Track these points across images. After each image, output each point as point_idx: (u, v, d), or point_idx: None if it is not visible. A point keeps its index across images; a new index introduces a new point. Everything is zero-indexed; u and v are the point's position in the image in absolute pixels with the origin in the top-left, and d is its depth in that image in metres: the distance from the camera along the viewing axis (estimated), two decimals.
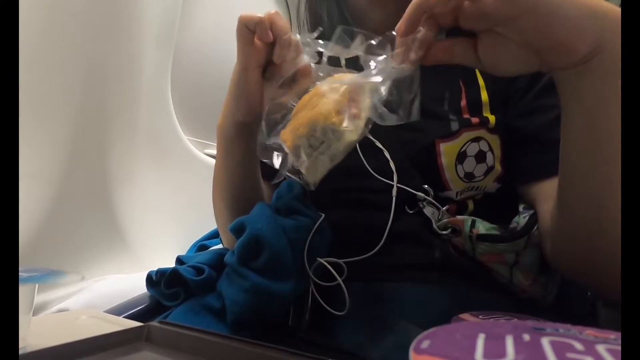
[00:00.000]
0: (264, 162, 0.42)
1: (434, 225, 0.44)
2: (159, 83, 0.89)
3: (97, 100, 0.74)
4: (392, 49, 0.35)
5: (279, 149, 0.39)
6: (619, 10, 0.28)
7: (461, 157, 0.44)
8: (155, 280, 0.53)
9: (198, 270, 0.51)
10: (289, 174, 0.55)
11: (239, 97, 0.47)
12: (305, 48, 0.42)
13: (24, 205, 0.65)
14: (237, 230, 0.44)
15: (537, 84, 0.45)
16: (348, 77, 0.36)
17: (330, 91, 0.35)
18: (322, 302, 0.44)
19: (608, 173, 0.31)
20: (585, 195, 0.34)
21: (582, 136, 0.32)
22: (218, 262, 0.52)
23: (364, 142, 0.48)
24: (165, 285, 0.51)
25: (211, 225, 0.79)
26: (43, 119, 0.68)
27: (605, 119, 0.30)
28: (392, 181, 0.46)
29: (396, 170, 0.46)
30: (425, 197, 0.45)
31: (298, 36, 0.42)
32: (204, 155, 1.07)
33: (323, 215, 0.47)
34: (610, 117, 0.29)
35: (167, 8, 0.85)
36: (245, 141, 0.50)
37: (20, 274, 0.29)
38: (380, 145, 0.47)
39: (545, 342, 0.12)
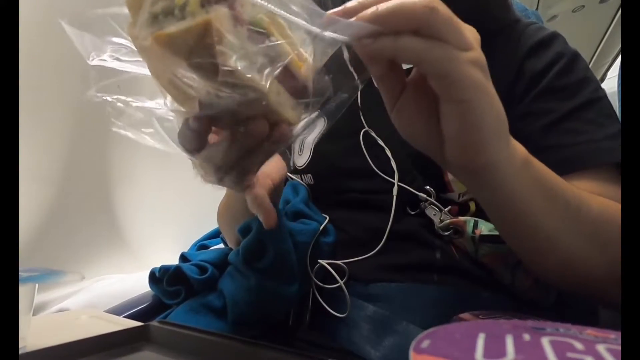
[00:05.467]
0: None
1: (436, 227, 0.44)
2: None
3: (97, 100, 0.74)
4: None
5: None
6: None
7: None
8: (158, 276, 0.53)
9: (201, 268, 0.51)
10: (290, 175, 0.55)
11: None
12: None
13: (24, 205, 0.65)
14: (244, 231, 0.44)
15: (535, 88, 0.45)
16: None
17: None
18: (324, 304, 0.44)
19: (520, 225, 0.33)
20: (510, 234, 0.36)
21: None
22: (222, 261, 0.52)
23: (366, 142, 0.48)
24: (167, 283, 0.51)
25: (211, 225, 0.79)
26: (43, 119, 0.68)
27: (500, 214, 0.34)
28: (393, 180, 0.46)
29: (397, 170, 0.46)
30: (427, 197, 0.44)
31: None
32: None
33: (327, 217, 0.47)
34: (506, 211, 0.32)
35: None
36: None
37: (20, 274, 0.29)
38: (382, 143, 0.47)
39: (545, 341, 0.12)
